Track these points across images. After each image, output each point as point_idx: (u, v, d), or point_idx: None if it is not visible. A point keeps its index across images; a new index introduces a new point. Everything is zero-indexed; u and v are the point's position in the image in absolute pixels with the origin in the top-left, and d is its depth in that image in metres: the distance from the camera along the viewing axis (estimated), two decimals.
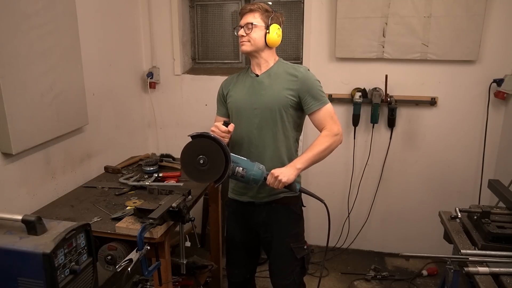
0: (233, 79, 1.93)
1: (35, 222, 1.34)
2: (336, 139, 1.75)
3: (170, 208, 1.69)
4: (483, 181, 2.82)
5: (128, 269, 1.51)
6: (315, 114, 1.77)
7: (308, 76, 1.78)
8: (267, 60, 1.83)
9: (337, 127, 1.76)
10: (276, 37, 1.79)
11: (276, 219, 1.86)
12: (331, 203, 1.79)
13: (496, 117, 2.78)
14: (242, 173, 1.65)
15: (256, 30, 1.77)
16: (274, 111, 1.77)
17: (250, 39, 1.77)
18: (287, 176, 1.65)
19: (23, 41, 1.90)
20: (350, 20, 2.77)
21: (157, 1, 3.10)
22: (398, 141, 2.98)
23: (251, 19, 1.77)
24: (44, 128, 2.07)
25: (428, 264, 2.97)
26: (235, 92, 1.87)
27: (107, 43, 2.68)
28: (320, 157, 1.73)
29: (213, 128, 1.72)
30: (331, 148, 1.75)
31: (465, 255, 1.53)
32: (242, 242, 1.99)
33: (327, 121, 1.76)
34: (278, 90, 1.77)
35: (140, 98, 3.22)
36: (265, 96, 1.78)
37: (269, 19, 1.78)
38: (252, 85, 1.83)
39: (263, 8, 1.78)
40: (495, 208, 1.87)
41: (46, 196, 2.14)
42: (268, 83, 1.80)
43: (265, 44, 1.79)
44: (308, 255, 1.92)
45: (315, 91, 1.76)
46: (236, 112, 1.86)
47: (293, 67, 1.81)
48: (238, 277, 2.06)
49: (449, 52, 2.69)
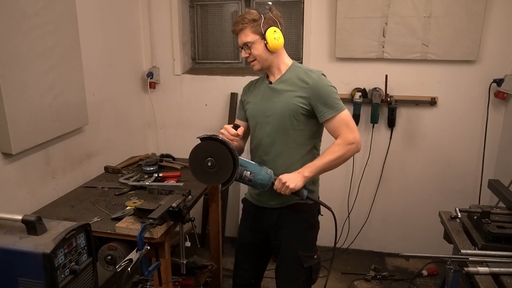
0: (251, 85, 1.91)
1: (35, 222, 1.34)
2: (351, 147, 1.67)
3: (170, 208, 1.69)
4: (483, 181, 2.82)
5: (128, 269, 1.50)
6: (329, 122, 1.69)
7: (320, 83, 1.70)
8: (279, 67, 1.77)
9: (352, 136, 1.67)
10: (276, 41, 1.69)
11: (286, 224, 1.83)
12: (331, 203, 1.79)
13: (496, 117, 2.78)
14: (250, 177, 1.64)
15: (254, 46, 1.70)
16: (285, 119, 1.72)
17: (255, 57, 1.73)
18: (295, 182, 1.63)
19: (23, 41, 1.90)
20: (350, 20, 2.77)
21: (157, 1, 3.10)
22: (398, 141, 2.99)
23: (244, 38, 1.70)
24: (44, 128, 2.07)
25: (428, 264, 2.97)
26: (251, 99, 1.85)
27: (107, 43, 2.68)
28: (331, 166, 1.68)
29: (223, 130, 1.70)
30: (345, 157, 1.68)
31: (465, 255, 1.53)
32: (251, 244, 1.97)
33: (342, 129, 1.68)
34: (289, 98, 1.72)
35: (140, 98, 3.22)
36: (277, 103, 1.74)
37: (261, 27, 1.68)
38: (266, 93, 1.80)
39: (249, 20, 1.69)
40: (495, 208, 1.87)
41: (46, 196, 2.14)
42: (281, 91, 1.74)
43: (270, 53, 1.72)
44: (317, 265, 1.87)
45: (328, 98, 1.68)
46: (251, 119, 1.85)
47: (305, 72, 1.73)
48: (241, 278, 2.04)
49: (449, 52, 2.69)
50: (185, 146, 1.67)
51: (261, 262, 2.04)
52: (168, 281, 1.83)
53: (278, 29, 1.71)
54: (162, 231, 1.71)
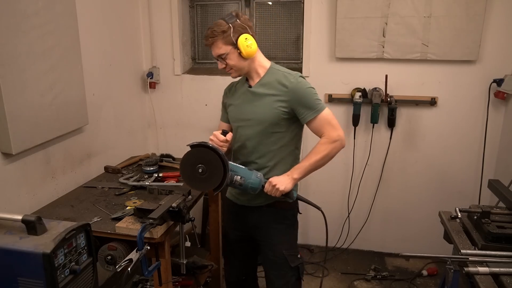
0: (232, 87, 1.92)
1: (35, 222, 1.34)
2: (336, 145, 1.69)
3: (170, 208, 1.70)
4: (483, 181, 2.82)
5: (128, 269, 1.51)
6: (311, 123, 1.71)
7: (298, 86, 1.70)
8: (257, 71, 1.78)
9: (336, 133, 1.69)
10: (249, 48, 1.68)
11: (266, 223, 1.85)
12: (331, 203, 1.79)
13: (496, 117, 2.78)
14: (240, 182, 1.67)
15: (229, 56, 1.70)
16: (266, 124, 1.74)
17: (231, 67, 1.74)
18: (285, 185, 1.66)
19: (23, 41, 1.90)
20: (350, 20, 2.77)
21: (157, 1, 3.10)
22: (398, 141, 2.98)
23: (217, 50, 1.70)
24: (44, 128, 2.07)
25: (428, 264, 2.97)
26: (232, 101, 1.87)
27: (107, 43, 2.68)
28: (318, 165, 1.71)
29: (212, 137, 1.73)
30: (330, 155, 1.70)
31: (465, 255, 1.53)
32: (236, 241, 1.99)
33: (325, 128, 1.70)
34: (270, 103, 1.73)
35: (140, 98, 3.22)
36: (258, 107, 1.75)
37: (231, 37, 1.67)
38: (246, 96, 1.81)
39: (219, 32, 1.67)
40: (495, 208, 1.87)
41: (46, 196, 2.14)
42: (261, 95, 1.75)
43: (245, 60, 1.72)
44: (302, 264, 1.88)
45: (307, 100, 1.69)
46: (232, 121, 1.87)
47: (284, 76, 1.73)
48: (232, 276, 2.07)
49: (449, 52, 2.69)
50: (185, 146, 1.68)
51: (249, 258, 2.05)
52: (168, 281, 1.83)
53: (249, 35, 1.70)
54: (162, 231, 1.72)
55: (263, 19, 3.15)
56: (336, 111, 3.00)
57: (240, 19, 1.70)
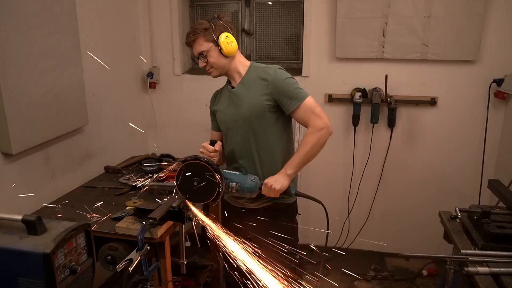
0: (217, 94, 1.95)
1: (35, 222, 1.34)
2: (323, 133, 1.67)
3: (170, 208, 1.69)
4: (483, 181, 2.81)
5: (128, 269, 1.50)
6: (295, 113, 1.72)
7: (278, 77, 1.72)
8: (237, 70, 1.80)
9: (321, 121, 1.68)
10: (230, 45, 1.72)
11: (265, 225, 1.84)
12: (331, 203, 1.79)
13: (496, 117, 2.78)
14: (237, 188, 1.69)
15: (210, 54, 1.73)
16: (253, 120, 1.75)
17: (212, 65, 1.76)
18: (280, 183, 1.66)
19: (23, 41, 1.90)
20: (350, 20, 2.77)
21: (157, 1, 3.10)
22: (398, 141, 2.98)
23: (199, 47, 1.74)
24: (44, 128, 2.07)
25: (428, 264, 2.97)
26: (219, 107, 1.90)
27: (107, 43, 2.68)
28: (309, 156, 1.70)
29: (201, 149, 1.76)
30: (319, 144, 1.68)
31: (465, 255, 1.53)
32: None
33: (309, 117, 1.69)
34: (253, 98, 1.75)
35: (140, 98, 3.22)
36: (242, 106, 1.78)
37: (213, 34, 1.71)
38: (230, 98, 1.83)
39: (201, 29, 1.72)
40: (495, 208, 1.87)
41: (46, 196, 2.14)
42: (244, 93, 1.78)
43: (225, 58, 1.75)
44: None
45: (288, 90, 1.71)
46: (222, 126, 1.89)
47: (263, 70, 1.76)
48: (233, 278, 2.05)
49: (449, 52, 2.69)
50: (185, 146, 1.69)
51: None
52: (168, 281, 1.83)
53: (229, 34, 1.74)
54: (162, 231, 1.72)
55: (263, 19, 3.15)
56: (336, 111, 3.03)
57: (222, 19, 1.75)
